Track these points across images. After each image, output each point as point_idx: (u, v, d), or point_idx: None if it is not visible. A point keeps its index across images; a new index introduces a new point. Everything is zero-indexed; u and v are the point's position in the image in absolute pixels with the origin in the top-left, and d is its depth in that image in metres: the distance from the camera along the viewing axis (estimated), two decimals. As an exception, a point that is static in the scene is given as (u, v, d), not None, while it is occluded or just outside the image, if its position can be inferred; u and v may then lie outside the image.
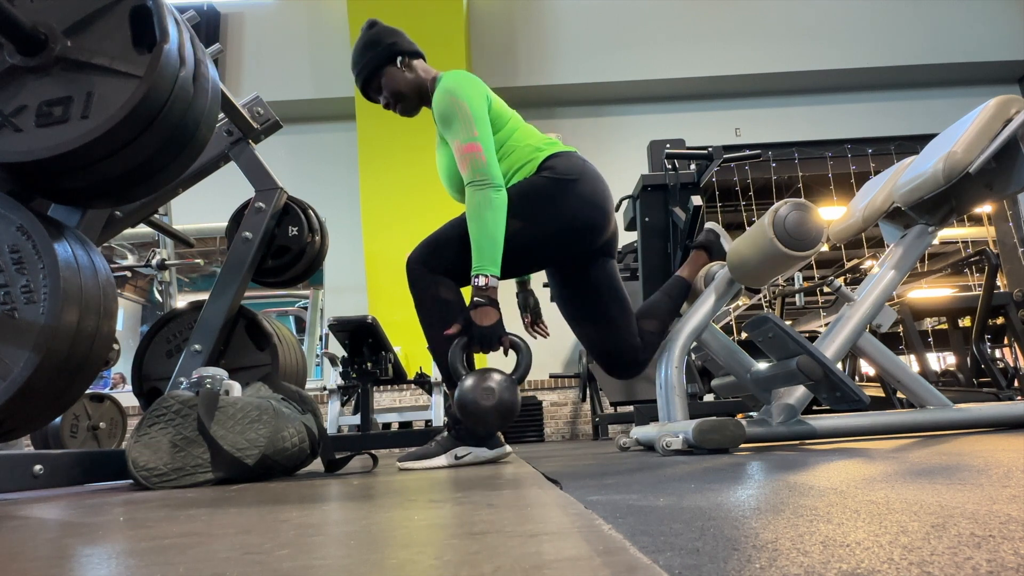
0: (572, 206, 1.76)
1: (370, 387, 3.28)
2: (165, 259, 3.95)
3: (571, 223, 1.77)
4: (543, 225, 1.76)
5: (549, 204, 1.75)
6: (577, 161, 1.83)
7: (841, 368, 2.15)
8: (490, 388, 1.52)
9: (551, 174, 1.77)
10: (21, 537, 0.72)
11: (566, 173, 1.77)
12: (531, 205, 1.75)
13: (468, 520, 0.65)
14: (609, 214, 1.85)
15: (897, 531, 0.45)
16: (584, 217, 1.78)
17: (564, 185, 1.76)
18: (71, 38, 1.39)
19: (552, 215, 1.75)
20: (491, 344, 1.63)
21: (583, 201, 1.77)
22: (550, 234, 1.78)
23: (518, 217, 1.72)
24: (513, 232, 1.71)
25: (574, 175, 1.78)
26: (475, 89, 1.78)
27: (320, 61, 5.80)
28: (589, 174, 1.81)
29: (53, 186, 1.42)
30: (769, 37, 5.87)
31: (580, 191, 1.77)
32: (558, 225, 1.77)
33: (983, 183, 1.69)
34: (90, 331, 1.40)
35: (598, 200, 1.81)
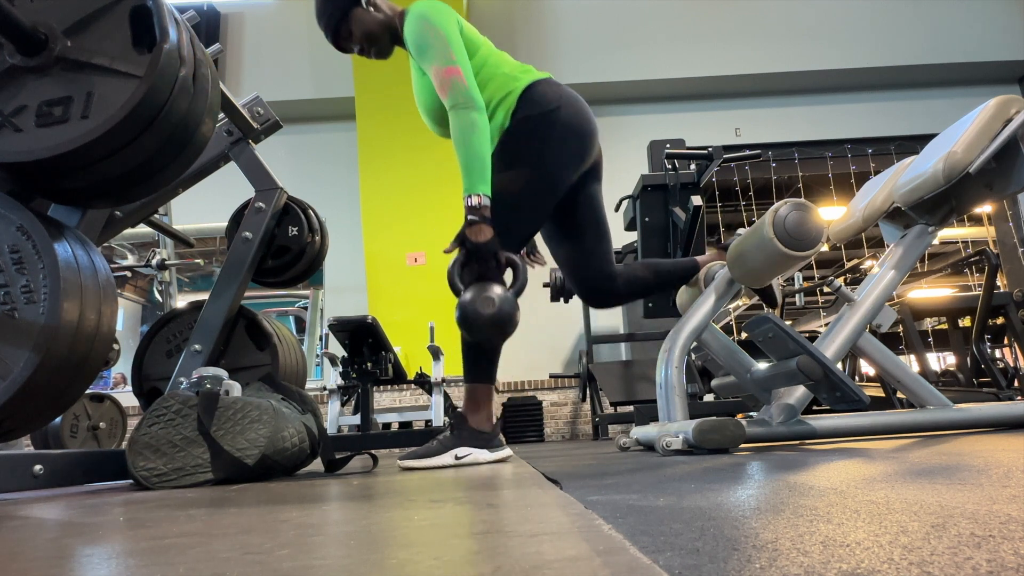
0: (558, 137, 1.77)
1: (370, 387, 3.28)
2: (165, 259, 3.95)
3: (560, 154, 1.78)
4: (539, 167, 1.76)
5: (539, 144, 1.76)
6: (554, 88, 1.83)
7: (841, 368, 2.15)
8: (490, 298, 1.52)
9: (530, 110, 1.77)
10: (21, 537, 0.72)
11: (546, 104, 1.78)
12: (524, 153, 1.76)
13: (468, 520, 0.65)
14: (594, 135, 1.86)
15: (897, 531, 0.45)
16: (572, 144, 1.80)
17: (547, 117, 1.77)
18: (71, 38, 1.39)
19: (543, 153, 1.76)
20: (486, 259, 1.62)
21: (568, 129, 1.78)
22: (547, 172, 1.78)
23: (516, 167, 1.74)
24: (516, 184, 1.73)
25: (554, 104, 1.78)
26: (446, 15, 1.77)
27: (320, 61, 5.80)
28: (568, 99, 1.81)
29: (53, 186, 1.42)
30: (769, 37, 5.87)
31: (564, 119, 1.78)
32: (551, 160, 1.77)
33: (983, 183, 1.69)
34: (90, 331, 1.40)
35: (582, 124, 1.82)
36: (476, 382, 1.78)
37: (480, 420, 1.77)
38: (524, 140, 1.78)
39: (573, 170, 1.84)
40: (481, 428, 1.76)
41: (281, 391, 1.80)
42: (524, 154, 1.77)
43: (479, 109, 1.68)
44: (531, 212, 1.80)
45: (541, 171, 1.77)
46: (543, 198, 1.80)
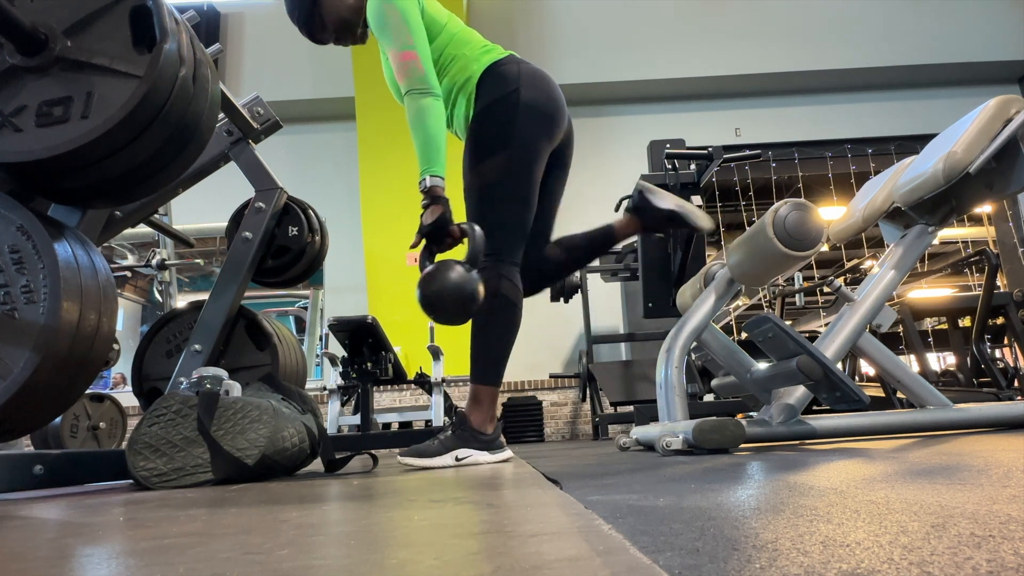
0: (523, 117, 1.76)
1: (370, 387, 3.28)
2: (165, 259, 3.95)
3: (528, 134, 1.77)
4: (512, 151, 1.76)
5: (507, 127, 1.76)
6: (513, 66, 1.81)
7: (841, 368, 2.15)
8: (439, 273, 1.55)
9: (491, 95, 1.77)
10: (21, 537, 0.72)
11: (506, 86, 1.77)
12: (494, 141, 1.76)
13: (468, 520, 0.65)
14: (559, 109, 1.84)
15: (897, 531, 0.45)
16: (538, 122, 1.79)
17: (508, 99, 1.76)
18: (71, 38, 1.39)
19: (511, 136, 1.75)
20: (440, 237, 1.66)
21: (531, 108, 1.77)
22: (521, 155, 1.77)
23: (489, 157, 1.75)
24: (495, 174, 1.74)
25: (513, 84, 1.77)
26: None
27: (320, 61, 5.80)
28: (528, 76, 1.80)
29: (53, 186, 1.43)
30: (769, 37, 5.87)
31: (525, 98, 1.77)
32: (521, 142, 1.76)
33: (983, 183, 1.69)
34: (90, 331, 1.40)
35: (546, 100, 1.81)
36: (481, 383, 1.78)
37: (482, 421, 1.77)
38: (491, 127, 1.77)
39: (545, 146, 1.83)
40: (482, 429, 1.76)
41: (281, 391, 1.80)
42: (495, 142, 1.76)
43: (435, 95, 1.69)
44: (519, 199, 1.79)
45: (515, 155, 1.76)
46: (525, 181, 1.79)
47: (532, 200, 1.82)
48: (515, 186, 1.77)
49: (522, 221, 1.80)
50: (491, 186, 1.77)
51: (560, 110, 1.84)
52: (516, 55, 1.88)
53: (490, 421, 1.79)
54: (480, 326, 1.77)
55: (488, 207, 1.76)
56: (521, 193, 1.78)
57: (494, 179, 1.76)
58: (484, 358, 1.78)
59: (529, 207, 1.81)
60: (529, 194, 1.80)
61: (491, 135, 1.78)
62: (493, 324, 1.75)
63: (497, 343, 1.77)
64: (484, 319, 1.76)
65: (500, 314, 1.75)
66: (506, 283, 1.75)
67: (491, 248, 1.75)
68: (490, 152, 1.76)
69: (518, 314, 1.78)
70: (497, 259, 1.76)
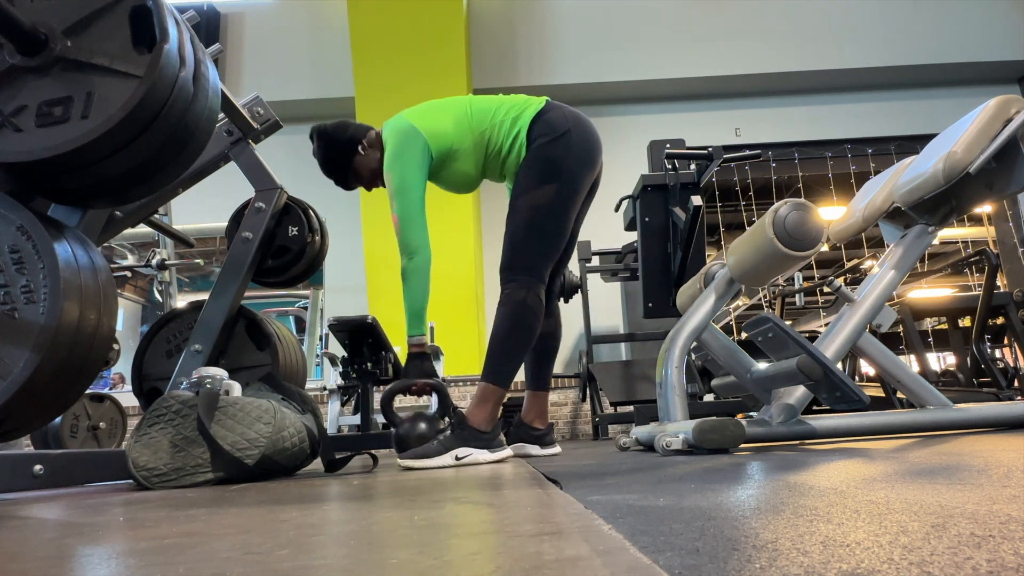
0: (575, 156, 1.93)
1: (370, 387, 3.28)
2: (165, 259, 3.95)
3: (576, 171, 1.93)
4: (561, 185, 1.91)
5: (559, 165, 1.92)
6: (559, 111, 1.97)
7: (841, 368, 2.15)
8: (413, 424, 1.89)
9: (545, 137, 1.92)
10: (21, 537, 0.72)
11: (558, 129, 1.93)
12: (546, 174, 1.91)
13: (468, 520, 0.65)
14: (600, 151, 2.01)
15: (897, 531, 0.45)
16: (585, 162, 1.95)
17: (561, 140, 1.92)
18: (71, 38, 1.39)
19: (562, 171, 1.91)
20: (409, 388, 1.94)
21: (581, 149, 1.94)
22: (568, 189, 1.93)
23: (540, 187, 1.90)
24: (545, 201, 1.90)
25: (564, 127, 1.93)
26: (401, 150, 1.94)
27: (320, 61, 5.80)
28: (575, 121, 1.96)
29: (53, 186, 1.42)
30: (769, 37, 5.87)
31: (576, 140, 1.93)
32: (570, 178, 1.92)
33: (983, 183, 1.69)
34: (90, 331, 1.40)
35: (591, 142, 1.98)
36: (492, 382, 1.82)
37: (482, 420, 1.78)
38: (545, 164, 1.92)
39: (588, 181, 1.99)
40: (482, 428, 1.77)
41: (281, 391, 1.80)
42: (548, 176, 1.91)
43: (416, 251, 1.91)
44: (558, 226, 1.93)
45: (564, 188, 1.91)
46: (566, 211, 1.94)
47: (567, 228, 1.97)
48: (557, 215, 1.92)
49: (555, 245, 1.95)
50: (537, 211, 1.90)
51: (599, 150, 2.01)
52: (552, 101, 2.02)
53: (490, 420, 1.80)
54: (503, 329, 1.86)
55: (530, 229, 1.91)
56: (561, 221, 1.93)
57: (542, 206, 1.90)
58: (500, 359, 1.85)
59: (564, 235, 1.96)
60: (566, 223, 1.96)
61: (545, 170, 1.92)
62: (516, 330, 1.85)
63: (515, 348, 1.87)
64: (509, 324, 1.86)
65: (524, 322, 1.86)
66: (532, 296, 1.87)
67: (526, 264, 1.90)
68: (542, 183, 1.91)
69: (538, 325, 1.90)
70: (529, 274, 1.89)
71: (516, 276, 1.88)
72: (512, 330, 1.84)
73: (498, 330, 1.86)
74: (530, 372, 2.18)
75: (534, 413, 2.15)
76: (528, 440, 2.11)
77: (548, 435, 2.13)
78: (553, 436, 2.15)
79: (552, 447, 2.13)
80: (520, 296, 1.85)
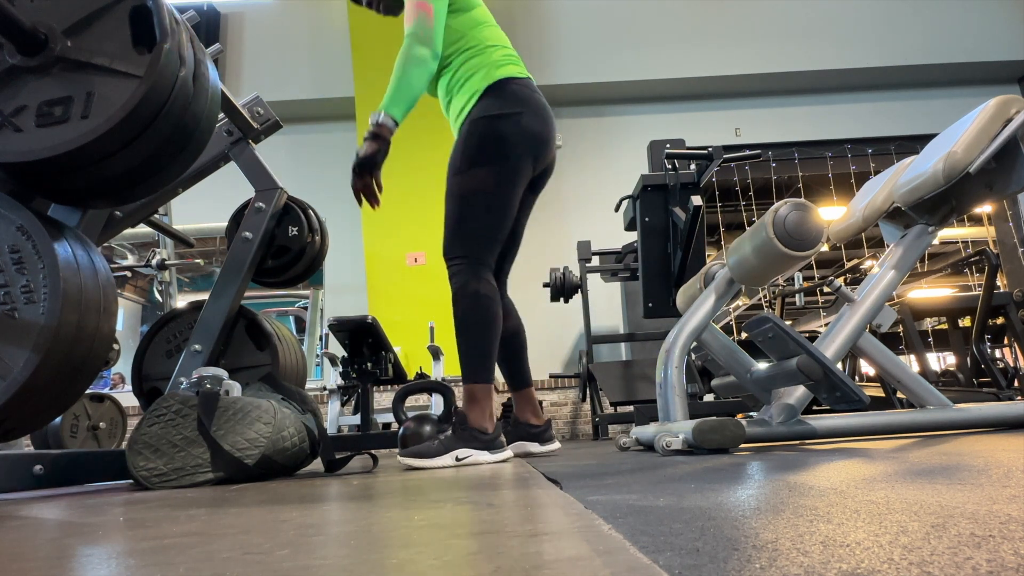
0: (519, 139, 1.85)
1: (370, 387, 3.28)
2: (165, 259, 3.95)
3: (520, 156, 1.86)
4: (502, 167, 1.84)
5: (501, 144, 1.84)
6: (524, 92, 1.90)
7: (841, 368, 2.15)
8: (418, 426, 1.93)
9: (496, 108, 1.85)
10: (21, 537, 0.72)
11: (512, 106, 1.85)
12: (488, 152, 1.84)
13: (468, 520, 0.65)
14: (550, 143, 1.94)
15: (897, 531, 0.45)
16: (530, 149, 1.88)
17: (510, 119, 1.84)
18: (71, 38, 1.39)
19: (505, 153, 1.84)
20: (366, 172, 1.79)
21: (529, 134, 1.86)
22: (509, 172, 1.85)
23: (481, 166, 1.83)
24: (486, 184, 1.83)
25: (519, 107, 1.86)
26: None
27: (320, 61, 5.80)
28: (534, 105, 1.89)
29: (53, 186, 1.43)
30: (769, 37, 5.87)
31: (525, 124, 1.86)
32: (511, 161, 1.85)
33: (983, 183, 1.69)
34: (90, 331, 1.40)
35: (542, 130, 1.90)
36: (475, 383, 1.80)
37: (481, 420, 1.77)
38: (488, 139, 1.84)
39: (530, 170, 1.92)
40: (482, 428, 1.76)
41: (281, 391, 1.80)
42: (487, 154, 1.84)
43: (433, 52, 1.79)
44: (498, 210, 1.86)
45: (504, 171, 1.85)
46: (506, 196, 1.87)
47: (509, 214, 1.89)
48: (496, 198, 1.85)
49: (497, 231, 1.87)
50: (475, 194, 1.84)
51: (551, 143, 1.95)
52: (533, 81, 1.96)
53: (489, 419, 1.79)
54: (463, 327, 1.83)
55: (468, 212, 1.84)
56: (501, 205, 1.86)
57: (479, 188, 1.84)
58: (472, 357, 1.82)
59: (505, 220, 1.88)
60: (507, 209, 1.88)
61: (485, 147, 1.84)
62: (474, 323, 1.82)
63: (481, 340, 1.82)
64: (465, 320, 1.82)
65: (479, 313, 1.81)
66: (484, 284, 1.82)
67: (466, 251, 1.84)
68: (481, 162, 1.84)
69: (498, 308, 1.84)
70: (471, 261, 1.83)
71: (460, 265, 1.83)
72: (475, 325, 1.81)
73: (463, 329, 1.82)
74: (507, 374, 2.15)
75: (527, 411, 2.14)
76: (526, 437, 2.10)
77: (546, 431, 2.12)
78: (551, 432, 2.13)
79: (551, 443, 2.12)
80: (472, 288, 1.80)
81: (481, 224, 1.84)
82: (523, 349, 2.15)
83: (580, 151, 5.90)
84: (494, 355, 1.85)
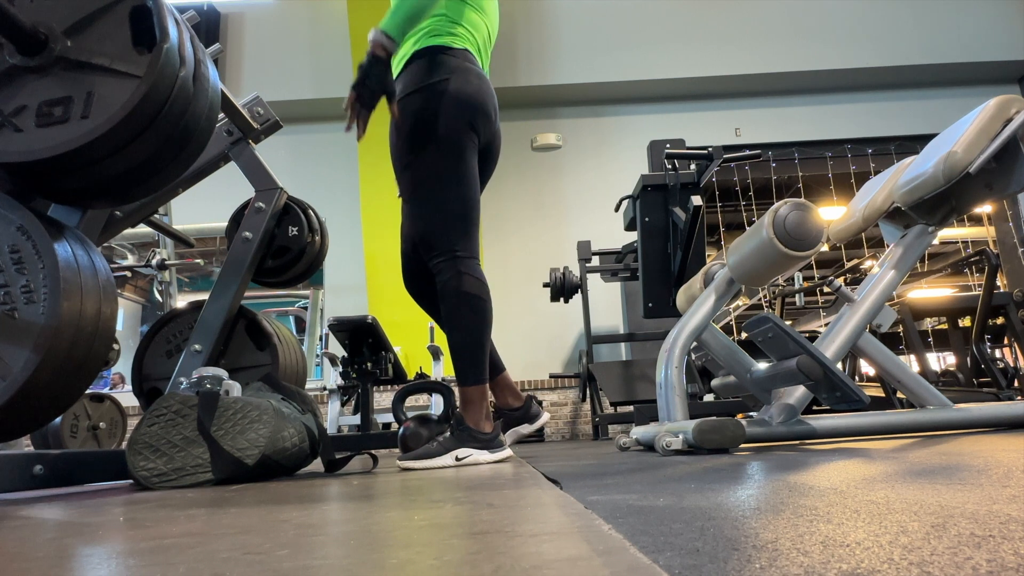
0: (448, 106, 1.74)
1: (370, 387, 3.28)
2: (165, 259, 3.96)
3: (455, 123, 1.75)
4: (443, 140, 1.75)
5: (434, 117, 1.74)
6: (454, 62, 1.78)
7: (841, 368, 2.15)
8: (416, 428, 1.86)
9: (413, 88, 1.76)
10: (21, 537, 0.72)
11: (440, 73, 1.75)
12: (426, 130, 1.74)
13: (468, 520, 0.65)
14: (484, 108, 1.81)
15: (897, 531, 0.45)
16: (462, 114, 1.76)
17: (436, 87, 1.75)
18: (71, 38, 1.39)
19: (436, 129, 1.74)
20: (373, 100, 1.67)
21: (457, 99, 1.75)
22: (451, 143, 1.76)
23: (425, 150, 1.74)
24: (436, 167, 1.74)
25: (446, 74, 1.75)
26: None
27: (320, 61, 5.80)
28: (463, 72, 1.78)
29: (53, 186, 1.43)
30: (769, 37, 5.87)
31: (452, 90, 1.74)
32: (450, 131, 1.75)
33: (983, 183, 1.69)
34: (90, 331, 1.40)
35: (471, 95, 1.78)
36: (470, 384, 1.78)
37: (479, 420, 1.77)
38: (419, 118, 1.75)
39: (471, 137, 1.80)
40: (481, 429, 1.76)
41: (281, 391, 1.80)
42: (424, 134, 1.75)
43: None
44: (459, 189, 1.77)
45: (444, 147, 1.75)
46: (462, 172, 1.77)
47: (472, 191, 1.79)
48: (452, 180, 1.75)
49: (468, 212, 1.77)
50: (429, 183, 1.76)
51: (487, 105, 1.81)
52: (472, 55, 1.84)
53: (487, 419, 1.79)
54: (452, 328, 1.78)
55: (430, 205, 1.76)
56: (460, 185, 1.76)
57: (430, 175, 1.76)
58: (463, 358, 1.78)
59: (471, 197, 1.78)
60: (469, 186, 1.77)
61: (419, 128, 1.75)
62: (463, 324, 1.76)
63: (471, 341, 1.77)
64: (453, 321, 1.77)
65: (468, 312, 1.75)
66: (468, 279, 1.75)
67: (443, 246, 1.75)
68: (420, 146, 1.75)
69: (486, 307, 1.78)
70: (453, 256, 1.76)
71: (441, 262, 1.75)
72: (468, 324, 1.75)
73: (450, 331, 1.77)
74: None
75: (507, 395, 2.04)
76: (514, 423, 2.02)
77: (530, 407, 2.02)
78: (536, 407, 2.04)
79: (539, 417, 2.03)
80: (453, 287, 1.73)
81: (448, 213, 1.75)
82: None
83: (580, 151, 5.90)
84: (485, 352, 1.80)
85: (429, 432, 1.85)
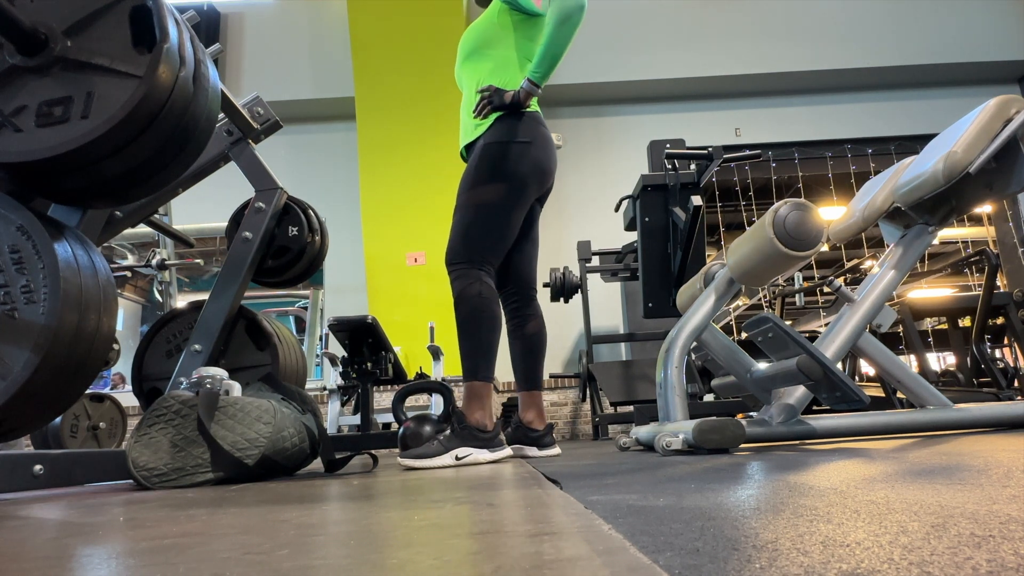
0: (529, 166, 2.00)
1: (370, 387, 3.28)
2: (165, 259, 3.96)
3: (528, 179, 2.01)
4: (513, 185, 1.99)
5: (514, 167, 1.99)
6: (534, 126, 2.04)
7: (841, 368, 2.15)
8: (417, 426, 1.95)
9: (507, 139, 2.00)
10: (21, 537, 0.72)
11: (525, 135, 2.01)
12: (503, 171, 1.98)
13: (468, 520, 0.65)
14: (552, 173, 2.10)
15: (897, 531, 0.45)
16: (536, 175, 2.03)
17: (522, 148, 2.00)
18: (71, 38, 1.39)
19: (516, 175, 1.99)
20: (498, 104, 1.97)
21: (537, 163, 2.02)
22: (519, 190, 2.00)
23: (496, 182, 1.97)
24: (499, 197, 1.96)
25: (530, 137, 2.01)
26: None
27: (320, 61, 5.80)
28: (542, 138, 2.04)
29: (53, 186, 1.42)
30: (769, 37, 5.87)
31: (534, 154, 2.01)
32: (520, 183, 2.00)
33: (983, 183, 1.69)
34: (90, 331, 1.40)
35: (547, 161, 2.06)
36: (474, 380, 1.81)
37: (481, 419, 1.78)
38: (497, 161, 1.98)
39: (533, 195, 2.07)
40: (482, 427, 1.76)
41: (281, 391, 1.80)
42: (496, 174, 1.97)
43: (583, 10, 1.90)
44: (500, 224, 1.99)
45: (510, 192, 1.98)
46: (509, 213, 2.00)
47: (511, 230, 2.02)
48: (501, 213, 1.98)
49: (499, 241, 1.99)
50: (481, 207, 1.96)
51: (552, 174, 2.10)
52: (541, 116, 2.11)
53: (488, 418, 1.80)
54: (465, 328, 1.88)
55: (473, 222, 1.96)
56: (504, 220, 1.99)
57: (486, 202, 1.96)
58: (475, 354, 1.87)
59: (507, 233, 2.01)
60: (510, 225, 2.01)
61: (496, 170, 1.98)
62: (479, 322, 1.88)
63: (485, 339, 1.89)
64: (467, 321, 1.88)
65: (483, 313, 1.88)
66: (484, 286, 1.91)
67: (468, 256, 1.94)
68: (489, 181, 1.97)
69: (496, 310, 1.93)
70: (472, 265, 1.92)
71: (462, 269, 1.93)
72: (478, 323, 1.87)
73: (464, 329, 1.89)
74: (519, 372, 2.16)
75: (531, 413, 2.13)
76: (526, 442, 2.08)
77: (547, 436, 2.10)
78: (552, 437, 2.12)
79: (551, 448, 2.10)
80: (474, 290, 1.89)
81: (483, 232, 1.95)
82: (540, 351, 2.19)
83: (580, 151, 5.90)
84: (495, 354, 1.89)
85: (429, 431, 1.87)
